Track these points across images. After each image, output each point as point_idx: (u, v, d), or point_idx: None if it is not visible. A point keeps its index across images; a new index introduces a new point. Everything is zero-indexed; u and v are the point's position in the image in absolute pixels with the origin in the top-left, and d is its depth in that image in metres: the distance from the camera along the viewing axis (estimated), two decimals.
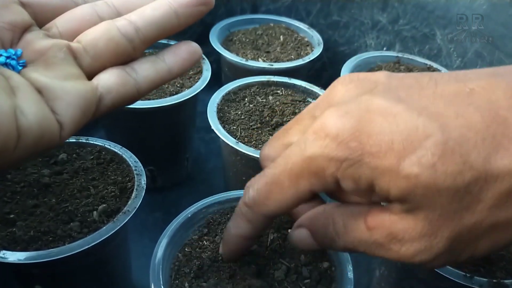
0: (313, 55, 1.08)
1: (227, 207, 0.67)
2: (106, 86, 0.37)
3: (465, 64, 1.04)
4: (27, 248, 0.59)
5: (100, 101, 0.36)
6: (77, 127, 0.35)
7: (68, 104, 0.34)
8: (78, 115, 0.35)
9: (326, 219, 0.39)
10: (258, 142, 0.80)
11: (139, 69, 0.38)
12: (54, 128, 0.33)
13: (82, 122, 0.36)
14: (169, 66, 0.40)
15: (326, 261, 0.61)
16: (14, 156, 0.31)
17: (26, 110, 0.32)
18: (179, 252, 0.61)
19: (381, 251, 0.34)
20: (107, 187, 0.69)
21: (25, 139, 0.31)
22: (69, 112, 0.34)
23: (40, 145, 0.33)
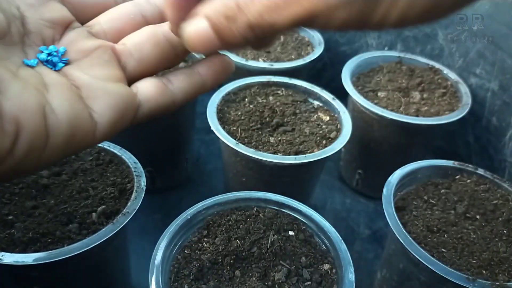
0: (313, 55, 1.08)
1: (227, 208, 0.67)
2: (144, 94, 0.36)
3: (467, 64, 1.04)
4: (25, 250, 0.59)
5: (139, 108, 0.36)
6: (113, 131, 0.35)
7: (107, 105, 0.34)
8: (116, 118, 0.34)
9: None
10: (259, 143, 0.80)
11: (175, 81, 0.38)
12: (88, 128, 0.33)
13: (119, 126, 0.35)
14: (203, 79, 0.40)
15: (327, 263, 0.61)
16: (45, 156, 0.31)
17: (57, 108, 0.31)
18: (179, 254, 0.61)
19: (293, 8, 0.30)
20: (106, 189, 0.69)
21: (56, 138, 0.31)
22: (107, 113, 0.34)
23: (72, 145, 0.32)
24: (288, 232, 0.64)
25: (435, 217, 0.72)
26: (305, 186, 0.87)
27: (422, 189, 0.78)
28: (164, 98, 0.37)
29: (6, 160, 0.29)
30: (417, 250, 0.63)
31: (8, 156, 0.29)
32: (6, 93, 0.29)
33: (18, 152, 0.29)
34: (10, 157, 0.29)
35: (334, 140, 0.81)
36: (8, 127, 0.28)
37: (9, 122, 0.28)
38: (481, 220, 0.72)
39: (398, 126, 0.91)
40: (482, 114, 1.01)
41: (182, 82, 0.38)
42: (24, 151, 0.29)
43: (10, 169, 0.30)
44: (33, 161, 0.31)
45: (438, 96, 0.98)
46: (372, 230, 0.99)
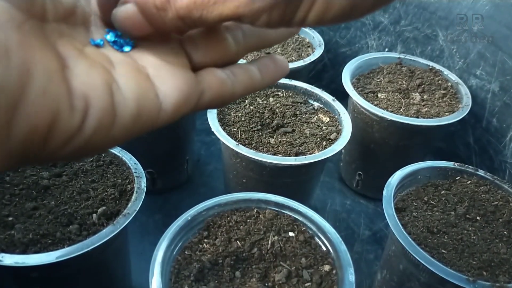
0: (314, 56, 1.09)
1: (227, 209, 0.67)
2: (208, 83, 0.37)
3: (468, 65, 1.04)
4: (26, 251, 0.59)
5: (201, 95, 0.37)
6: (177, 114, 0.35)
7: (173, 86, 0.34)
8: (181, 101, 0.34)
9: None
10: (259, 144, 0.80)
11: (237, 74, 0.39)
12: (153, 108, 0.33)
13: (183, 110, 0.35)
14: (262, 76, 0.41)
15: (327, 264, 0.61)
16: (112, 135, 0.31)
17: (123, 86, 0.31)
18: (179, 255, 0.61)
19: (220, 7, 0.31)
20: (106, 190, 0.69)
21: (122, 117, 0.31)
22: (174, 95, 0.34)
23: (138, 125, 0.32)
24: (288, 233, 0.65)
25: (435, 218, 0.72)
26: (305, 187, 0.87)
27: (422, 190, 0.78)
28: (225, 89, 0.38)
29: (75, 137, 0.29)
30: (417, 251, 0.64)
31: (77, 134, 0.29)
32: (74, 69, 0.29)
33: (87, 129, 0.29)
34: (79, 135, 0.29)
35: (334, 141, 0.82)
36: (78, 104, 0.28)
37: (78, 99, 0.28)
38: (482, 221, 0.72)
39: (398, 127, 0.91)
40: (482, 115, 1.02)
41: (242, 76, 0.39)
42: (93, 128, 0.29)
43: (79, 147, 0.30)
44: (100, 140, 0.31)
45: (438, 97, 0.98)
46: (372, 231, 0.99)
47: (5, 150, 0.27)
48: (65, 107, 0.28)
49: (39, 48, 0.28)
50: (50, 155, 0.29)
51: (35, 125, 0.27)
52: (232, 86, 0.38)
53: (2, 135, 0.26)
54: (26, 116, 0.26)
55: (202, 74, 0.37)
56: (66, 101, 0.28)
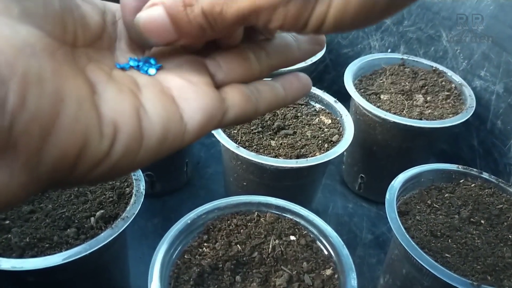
0: (315, 57, 1.08)
1: (228, 213, 0.67)
2: (232, 100, 0.37)
3: (472, 66, 1.04)
4: (22, 255, 0.59)
5: (225, 113, 0.37)
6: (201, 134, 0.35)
7: (197, 107, 0.34)
8: (205, 121, 0.35)
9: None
10: (260, 146, 0.80)
11: (261, 91, 0.40)
12: (178, 130, 0.33)
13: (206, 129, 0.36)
14: (286, 93, 0.41)
15: (329, 269, 0.61)
16: (139, 158, 0.32)
17: (150, 110, 0.32)
18: (178, 259, 0.61)
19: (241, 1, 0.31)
20: (105, 193, 0.69)
21: (149, 141, 0.31)
22: (197, 115, 0.34)
23: (164, 147, 0.33)
24: (289, 237, 0.65)
25: (439, 222, 0.72)
26: (307, 190, 0.87)
27: (425, 193, 0.78)
28: (249, 106, 0.38)
29: (103, 162, 0.30)
30: (421, 255, 0.63)
31: (105, 159, 0.29)
32: (103, 95, 0.30)
33: (115, 154, 0.30)
34: (107, 160, 0.30)
35: (336, 143, 0.82)
36: (107, 130, 0.29)
37: (108, 125, 0.29)
38: (486, 224, 0.72)
39: (401, 129, 0.91)
40: (486, 117, 1.01)
41: (266, 93, 0.40)
42: (121, 153, 0.30)
43: (106, 171, 0.30)
44: (127, 164, 0.31)
45: (442, 98, 0.98)
46: (374, 235, 0.99)
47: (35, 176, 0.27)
48: (94, 134, 0.28)
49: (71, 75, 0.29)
50: (78, 180, 0.30)
51: (66, 152, 0.27)
52: (256, 102, 0.39)
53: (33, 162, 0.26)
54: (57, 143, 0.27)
55: (226, 91, 0.38)
56: (96, 128, 0.29)
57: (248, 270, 0.60)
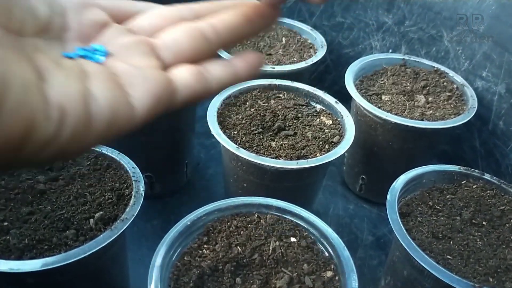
0: (316, 58, 1.09)
1: (228, 214, 0.67)
2: (181, 80, 0.38)
3: (474, 66, 1.04)
4: (21, 257, 0.59)
5: (175, 94, 0.38)
6: (151, 115, 0.37)
7: (145, 90, 0.36)
8: (153, 103, 0.36)
9: None
10: (260, 147, 0.80)
11: (211, 69, 0.41)
12: (127, 113, 0.35)
13: (156, 111, 0.37)
14: (237, 70, 0.42)
15: (330, 271, 0.61)
16: (87, 140, 0.33)
17: (98, 95, 0.33)
18: (178, 261, 0.61)
19: None
20: (104, 194, 0.69)
21: (97, 125, 0.33)
22: (145, 98, 0.36)
23: (113, 130, 0.34)
24: (290, 238, 0.65)
25: (441, 223, 0.72)
26: (308, 191, 0.87)
27: (427, 194, 0.78)
28: (200, 86, 0.39)
29: (51, 145, 0.31)
30: (422, 257, 0.63)
31: (53, 141, 0.31)
32: (50, 81, 0.31)
33: (63, 137, 0.31)
34: (54, 142, 0.31)
35: (337, 144, 0.82)
36: (53, 114, 0.30)
37: (54, 109, 0.30)
38: (488, 226, 0.72)
39: (402, 130, 0.91)
40: (488, 118, 1.02)
41: (217, 72, 0.41)
42: (68, 136, 0.31)
43: (54, 153, 0.31)
44: (77, 145, 0.32)
45: (443, 99, 0.98)
46: (375, 236, 0.99)
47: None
48: (40, 117, 0.29)
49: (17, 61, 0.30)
50: (27, 160, 0.31)
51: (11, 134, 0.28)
52: (208, 82, 0.40)
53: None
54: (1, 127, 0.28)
55: (174, 73, 0.39)
56: (42, 112, 0.30)
57: (248, 272, 0.60)
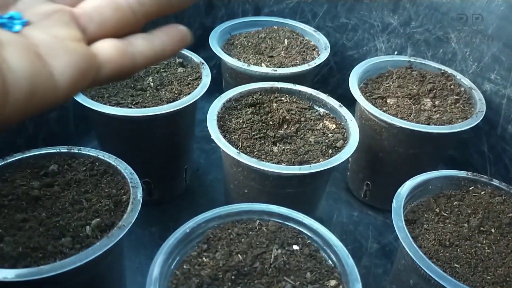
0: (319, 60, 1.09)
1: (228, 221, 0.67)
2: (105, 55, 0.38)
3: (482, 69, 1.04)
4: (15, 265, 0.59)
5: (99, 69, 0.38)
6: (74, 90, 0.36)
7: (67, 63, 0.35)
8: (77, 77, 0.35)
9: None
10: (261, 152, 0.81)
11: (136, 44, 0.40)
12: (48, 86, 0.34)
13: (80, 85, 0.36)
14: (163, 45, 0.42)
15: (334, 279, 0.61)
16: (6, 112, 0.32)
17: (15, 65, 0.32)
18: (177, 270, 0.61)
19: None
20: (100, 200, 0.69)
21: (15, 96, 0.32)
22: (68, 71, 0.35)
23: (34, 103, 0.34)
24: (292, 246, 0.65)
25: (448, 231, 0.72)
26: (310, 197, 0.88)
27: (433, 201, 0.78)
28: (125, 60, 0.39)
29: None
30: (429, 266, 0.64)
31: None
32: None
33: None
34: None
35: (340, 149, 0.82)
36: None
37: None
38: (496, 233, 0.72)
39: (408, 135, 0.91)
40: (497, 122, 1.02)
41: (142, 46, 0.40)
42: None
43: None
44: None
45: (450, 103, 0.99)
46: (381, 244, 0.99)
47: None
48: None
49: None
50: None
51: None
52: (133, 57, 0.39)
53: None
54: None
55: (98, 46, 0.38)
56: None
57: (249, 281, 0.60)
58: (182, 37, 0.43)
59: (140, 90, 0.92)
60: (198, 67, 1.00)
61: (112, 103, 0.86)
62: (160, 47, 0.41)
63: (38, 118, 1.00)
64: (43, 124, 1.02)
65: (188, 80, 0.97)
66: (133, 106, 0.87)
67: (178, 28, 0.43)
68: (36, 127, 1.00)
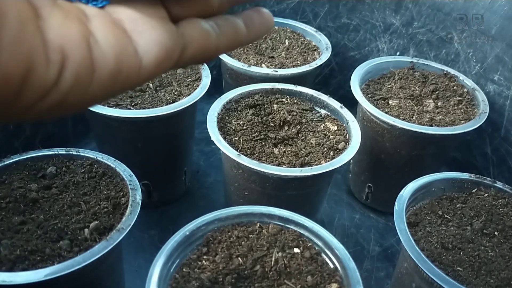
0: (320, 61, 1.09)
1: (228, 224, 0.67)
2: (190, 35, 0.37)
3: (485, 69, 1.04)
4: (13, 268, 0.59)
5: (184, 50, 0.37)
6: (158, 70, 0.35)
7: (153, 40, 0.34)
8: (163, 56, 0.35)
9: None
10: (262, 154, 0.81)
11: (220, 25, 0.39)
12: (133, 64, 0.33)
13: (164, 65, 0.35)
14: (247, 28, 0.41)
15: (335, 283, 0.61)
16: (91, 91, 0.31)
17: (101, 40, 0.32)
18: (177, 273, 0.61)
19: None
20: (99, 203, 0.69)
21: (101, 73, 0.31)
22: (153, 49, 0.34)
23: (118, 82, 0.33)
24: (293, 249, 0.65)
25: (450, 234, 0.72)
26: (312, 200, 0.88)
27: (436, 203, 0.78)
28: (209, 43, 0.38)
29: (51, 92, 0.29)
30: (431, 269, 0.64)
31: (54, 88, 0.29)
32: (48, 20, 0.29)
33: (64, 84, 0.30)
34: (55, 89, 0.29)
35: (342, 151, 0.82)
36: (54, 57, 0.29)
37: (54, 51, 0.29)
38: (500, 236, 0.72)
39: (410, 136, 0.91)
40: (500, 123, 1.02)
41: (227, 28, 0.40)
42: (70, 83, 0.30)
43: (55, 103, 0.30)
44: (78, 96, 0.31)
45: (453, 104, 0.99)
46: (383, 247, 0.99)
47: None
48: (40, 59, 0.28)
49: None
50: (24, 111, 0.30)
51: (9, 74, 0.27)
52: (217, 39, 0.38)
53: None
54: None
55: (184, 26, 0.37)
56: (41, 53, 0.28)
57: (249, 284, 0.60)
58: (266, 21, 0.42)
59: (139, 91, 0.92)
60: (197, 68, 1.00)
61: (110, 104, 0.86)
62: (244, 30, 0.41)
63: None
64: (41, 125, 1.02)
65: (188, 81, 0.97)
66: (132, 107, 0.87)
67: (262, 11, 0.43)
68: (34, 128, 1.00)
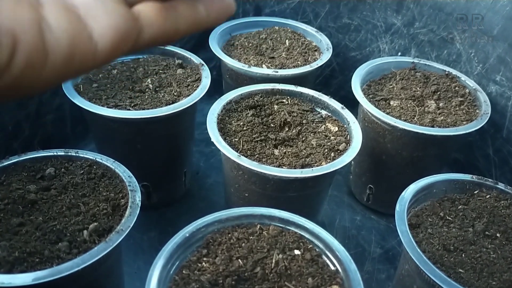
0: (321, 61, 1.09)
1: (228, 225, 0.67)
2: (147, 18, 0.37)
3: (487, 70, 1.04)
4: (11, 270, 0.59)
5: (140, 32, 0.37)
6: (114, 54, 0.35)
7: (108, 25, 0.34)
8: (118, 40, 0.35)
9: None
10: (262, 155, 0.81)
11: (179, 8, 0.39)
12: (87, 48, 0.33)
13: (120, 49, 0.36)
14: (207, 12, 0.41)
15: (336, 285, 0.61)
16: (44, 75, 0.32)
17: (54, 25, 0.32)
18: (176, 275, 0.61)
19: None
20: (98, 204, 0.69)
21: (54, 57, 0.32)
22: (108, 33, 0.34)
23: (72, 66, 0.33)
24: (293, 251, 0.65)
25: (452, 235, 0.72)
26: (312, 201, 0.88)
27: (437, 205, 0.78)
28: (167, 25, 0.38)
29: (3, 75, 0.30)
30: (433, 271, 0.64)
31: (5, 71, 0.30)
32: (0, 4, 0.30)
33: (16, 66, 0.30)
34: (7, 72, 0.30)
35: (343, 152, 0.82)
36: (4, 40, 0.29)
37: (5, 35, 0.29)
38: (502, 238, 0.72)
39: (412, 137, 0.91)
40: (503, 124, 1.02)
41: (186, 11, 0.39)
42: (22, 66, 0.30)
43: (7, 85, 0.31)
44: (31, 80, 0.32)
45: (455, 105, 0.99)
46: (384, 249, 0.99)
47: None
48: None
49: None
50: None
51: None
52: (176, 22, 0.38)
53: None
54: None
55: (140, 9, 0.37)
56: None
57: (250, 287, 0.60)
58: (226, 6, 0.42)
59: (139, 92, 0.92)
60: (197, 68, 1.00)
61: (110, 105, 0.86)
62: (204, 13, 0.40)
63: (34, 120, 1.00)
64: (40, 126, 1.02)
65: (188, 81, 0.97)
66: (131, 108, 0.87)
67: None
68: (32, 129, 1.00)
